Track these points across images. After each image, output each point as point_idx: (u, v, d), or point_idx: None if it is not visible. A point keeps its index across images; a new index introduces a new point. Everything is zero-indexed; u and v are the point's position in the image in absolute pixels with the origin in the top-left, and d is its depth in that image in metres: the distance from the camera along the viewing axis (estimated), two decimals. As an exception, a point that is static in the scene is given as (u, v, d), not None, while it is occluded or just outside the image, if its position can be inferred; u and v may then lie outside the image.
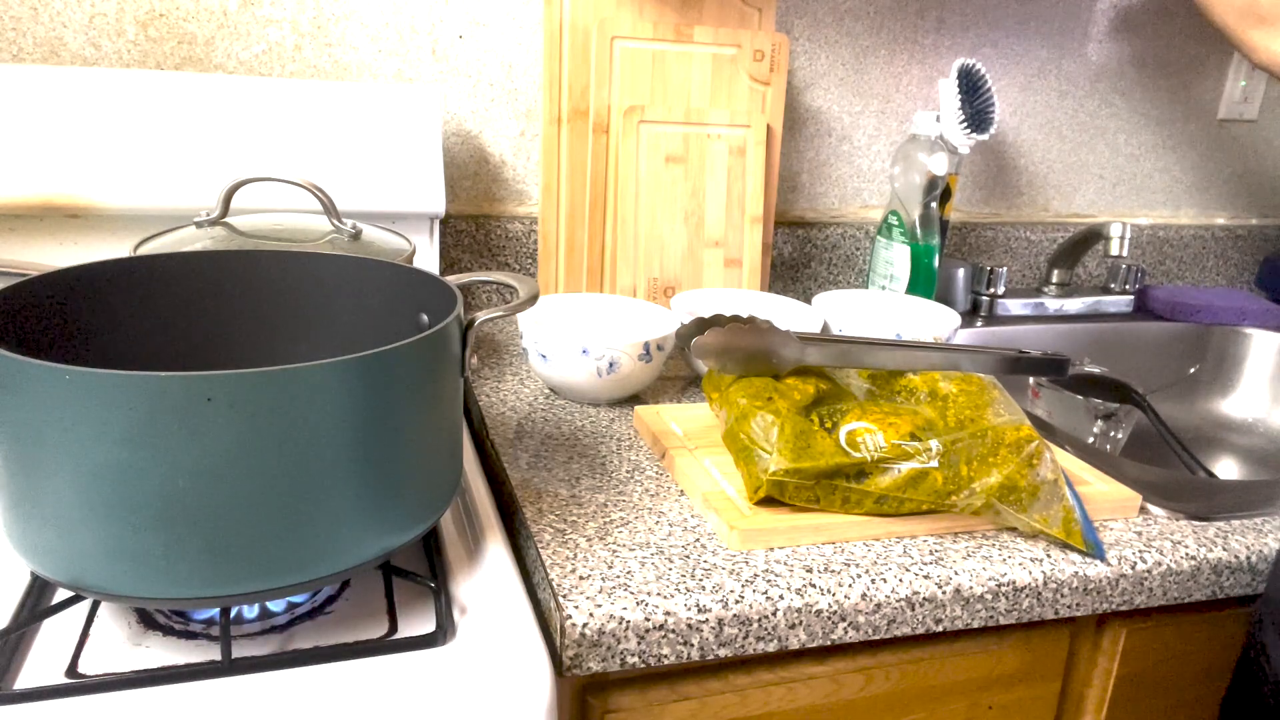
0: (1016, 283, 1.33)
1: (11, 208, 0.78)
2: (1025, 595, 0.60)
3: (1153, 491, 0.70)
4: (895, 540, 0.62)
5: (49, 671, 0.46)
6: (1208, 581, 0.64)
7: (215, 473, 0.42)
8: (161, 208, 0.82)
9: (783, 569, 0.57)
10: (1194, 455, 0.93)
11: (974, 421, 0.64)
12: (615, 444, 0.73)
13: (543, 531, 0.60)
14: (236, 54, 0.94)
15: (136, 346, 0.57)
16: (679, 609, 0.53)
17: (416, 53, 0.99)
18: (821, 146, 1.18)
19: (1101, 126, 1.30)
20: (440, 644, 0.49)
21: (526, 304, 0.56)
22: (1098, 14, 1.24)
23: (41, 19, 0.88)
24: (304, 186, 0.70)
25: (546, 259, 1.01)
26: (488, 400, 0.81)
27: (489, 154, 1.05)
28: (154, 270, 0.58)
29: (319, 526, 0.45)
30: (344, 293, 0.61)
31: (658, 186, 0.99)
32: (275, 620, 0.51)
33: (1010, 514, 0.61)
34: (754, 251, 1.02)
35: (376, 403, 0.45)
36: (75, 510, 0.42)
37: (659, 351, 0.79)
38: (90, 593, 0.45)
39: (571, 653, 0.51)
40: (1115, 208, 1.36)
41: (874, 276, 1.09)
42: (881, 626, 0.57)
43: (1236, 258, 1.43)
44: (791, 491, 0.60)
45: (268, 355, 0.61)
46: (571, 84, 0.97)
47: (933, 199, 1.04)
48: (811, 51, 1.14)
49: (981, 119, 1.00)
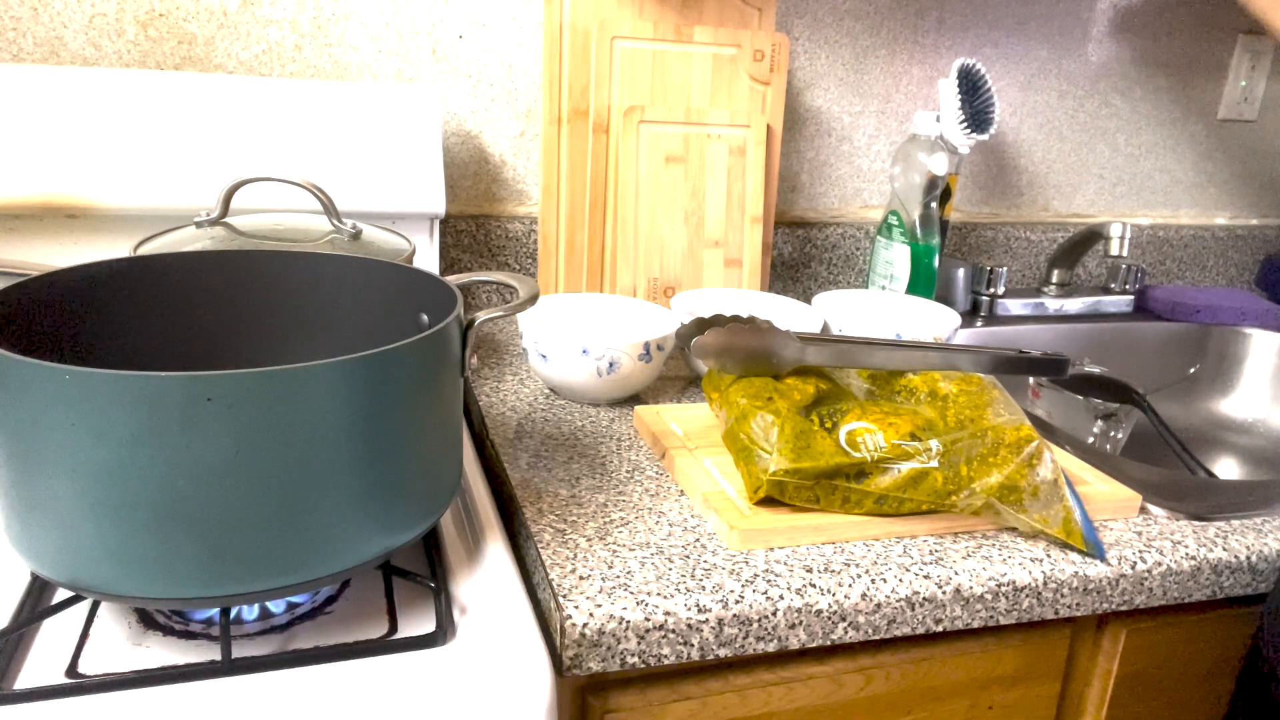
0: (1016, 283, 1.33)
1: (11, 208, 0.78)
2: (1025, 595, 0.60)
3: (1153, 491, 0.70)
4: (895, 540, 0.62)
5: (49, 671, 0.46)
6: (1208, 581, 0.64)
7: (215, 473, 0.42)
8: (161, 208, 0.82)
9: (783, 569, 0.57)
10: (1194, 455, 0.93)
11: (974, 421, 0.64)
12: (615, 444, 0.73)
13: (543, 531, 0.60)
14: (236, 54, 0.94)
15: (136, 346, 0.57)
16: (679, 609, 0.53)
17: (416, 53, 0.99)
18: (821, 146, 1.18)
19: (1101, 126, 1.30)
20: (440, 644, 0.49)
21: (526, 304, 0.56)
22: (1098, 14, 1.24)
23: (41, 19, 0.88)
24: (304, 186, 0.70)
25: (546, 259, 1.01)
26: (488, 400, 0.81)
27: (489, 154, 1.05)
28: (154, 270, 0.58)
29: (319, 526, 0.45)
30: (344, 293, 0.61)
31: (658, 186, 0.99)
32: (275, 620, 0.51)
33: (1010, 514, 0.61)
34: (754, 251, 1.02)
35: (376, 403, 0.45)
36: (75, 510, 0.42)
37: (659, 351, 0.79)
38: (90, 593, 0.45)
39: (571, 653, 0.51)
40: (1115, 208, 1.36)
41: (874, 276, 1.09)
42: (881, 626, 0.57)
43: (1236, 258, 1.43)
44: (791, 491, 0.60)
45: (268, 355, 0.61)
46: (571, 84, 0.97)
47: (933, 199, 1.04)
48: (811, 51, 1.14)
49: (981, 119, 1.00)
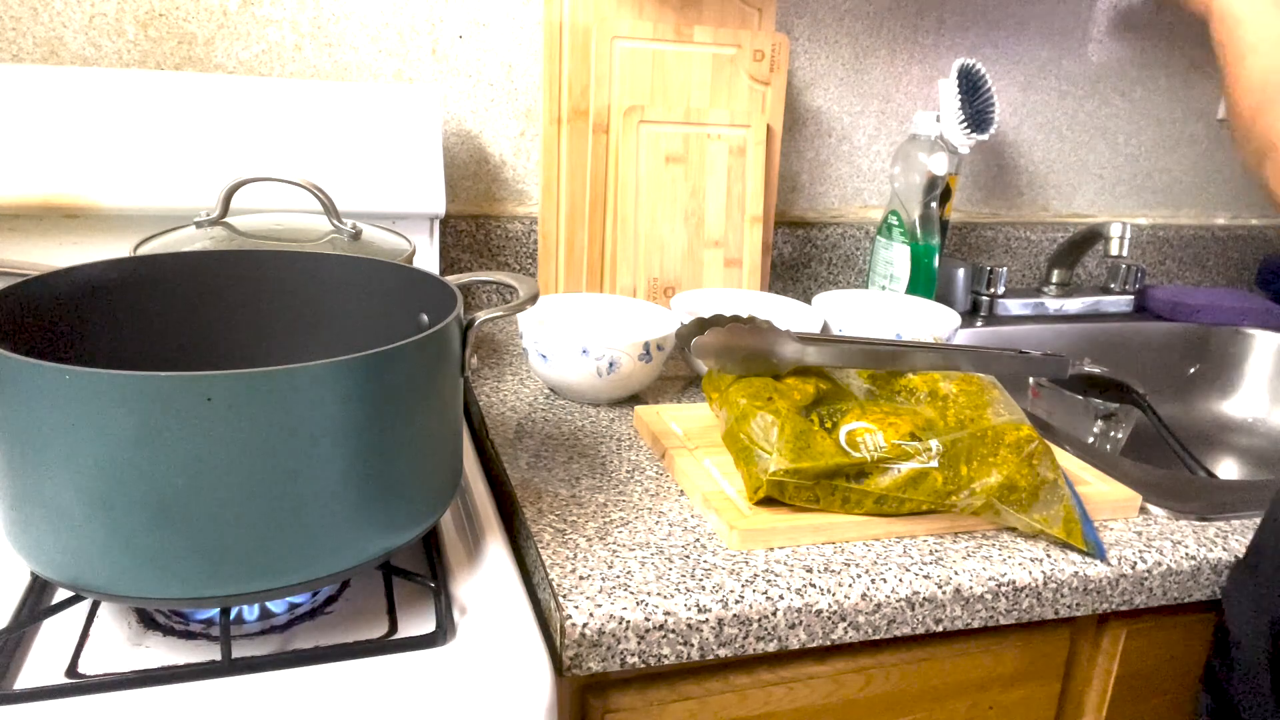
0: (1016, 283, 1.32)
1: (11, 208, 0.78)
2: (1025, 595, 0.60)
3: (1153, 491, 0.70)
4: (895, 540, 0.62)
5: (49, 671, 0.46)
6: (1208, 581, 0.64)
7: (215, 473, 0.42)
8: (161, 208, 0.82)
9: (783, 569, 0.57)
10: (1194, 455, 0.93)
11: (974, 421, 0.64)
12: (615, 444, 0.73)
13: (543, 531, 0.60)
14: (236, 54, 0.94)
15: (136, 346, 0.57)
16: (679, 609, 0.53)
17: (416, 53, 0.99)
18: (821, 146, 1.18)
19: (1101, 126, 1.30)
20: (440, 644, 0.49)
21: (526, 304, 0.56)
22: (1098, 14, 1.24)
23: (41, 19, 0.88)
24: (304, 186, 0.70)
25: (546, 259, 1.01)
26: (488, 400, 0.81)
27: (489, 154, 1.05)
28: (154, 270, 0.58)
29: (319, 526, 0.45)
30: (344, 293, 0.61)
31: (658, 186, 0.99)
32: (275, 620, 0.51)
33: (1010, 514, 0.61)
34: (754, 251, 1.02)
35: (376, 403, 0.45)
36: (75, 510, 0.42)
37: (659, 351, 0.79)
38: (90, 593, 0.45)
39: (571, 653, 0.51)
40: (1115, 208, 1.36)
41: (874, 276, 1.09)
42: (881, 626, 0.57)
43: (1236, 258, 1.43)
44: (791, 491, 0.60)
45: (268, 355, 0.61)
46: (571, 84, 0.97)
47: (933, 199, 1.04)
48: (811, 51, 1.14)
49: (981, 119, 1.00)
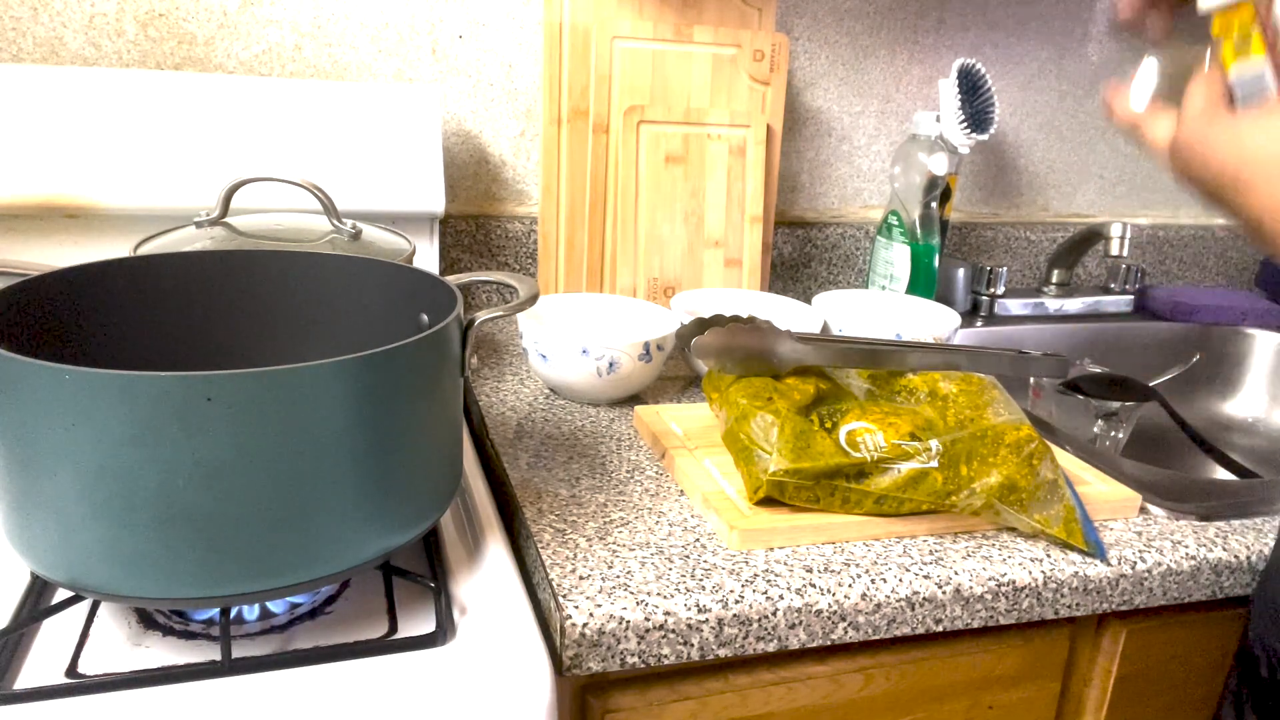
0: (1016, 283, 1.32)
1: (11, 208, 0.78)
2: (1025, 595, 0.60)
3: (1153, 491, 0.70)
4: (895, 540, 0.62)
5: (49, 671, 0.46)
6: (1208, 581, 0.64)
7: (215, 473, 0.42)
8: (161, 208, 0.82)
9: (783, 569, 0.57)
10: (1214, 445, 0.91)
11: (974, 421, 0.64)
12: (615, 444, 0.73)
13: (543, 531, 0.60)
14: (236, 54, 0.94)
15: (136, 346, 0.57)
16: (679, 609, 0.53)
17: (416, 53, 0.99)
18: (821, 146, 1.18)
19: (1101, 126, 1.30)
20: (440, 644, 0.49)
21: (526, 304, 0.56)
22: (1098, 14, 1.24)
23: (41, 19, 0.88)
24: (304, 186, 0.70)
25: (546, 259, 1.01)
26: (488, 400, 0.81)
27: (489, 154, 1.05)
28: (154, 270, 0.58)
29: (319, 526, 0.45)
30: (344, 293, 0.61)
31: (658, 186, 0.99)
32: (275, 620, 0.51)
33: (1010, 514, 0.61)
34: (754, 251, 1.02)
35: (376, 403, 0.45)
36: (75, 510, 0.42)
37: (659, 351, 0.79)
38: (90, 593, 0.45)
39: (571, 653, 0.51)
40: (1115, 208, 1.36)
41: (874, 276, 1.09)
42: (881, 626, 0.57)
43: (1236, 258, 1.43)
44: (791, 491, 0.60)
45: (268, 355, 0.61)
46: (571, 84, 0.97)
47: (933, 199, 1.04)
48: (811, 51, 1.14)
49: (981, 119, 1.00)
